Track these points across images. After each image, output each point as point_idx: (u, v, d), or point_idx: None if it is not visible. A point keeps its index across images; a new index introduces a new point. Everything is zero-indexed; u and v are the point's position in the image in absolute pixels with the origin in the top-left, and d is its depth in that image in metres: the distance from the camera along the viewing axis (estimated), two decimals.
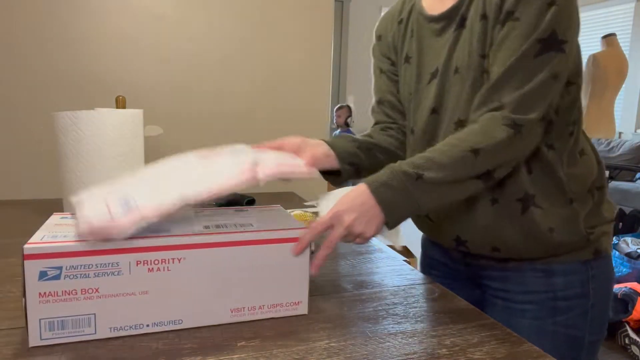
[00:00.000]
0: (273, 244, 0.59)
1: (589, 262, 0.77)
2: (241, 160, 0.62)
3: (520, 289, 0.79)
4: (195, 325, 0.58)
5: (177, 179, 0.58)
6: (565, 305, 0.77)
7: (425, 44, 0.82)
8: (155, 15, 1.47)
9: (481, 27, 0.73)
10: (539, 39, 0.67)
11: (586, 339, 0.78)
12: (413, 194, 0.66)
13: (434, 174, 0.66)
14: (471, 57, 0.74)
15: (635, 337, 2.18)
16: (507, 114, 0.68)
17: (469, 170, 0.67)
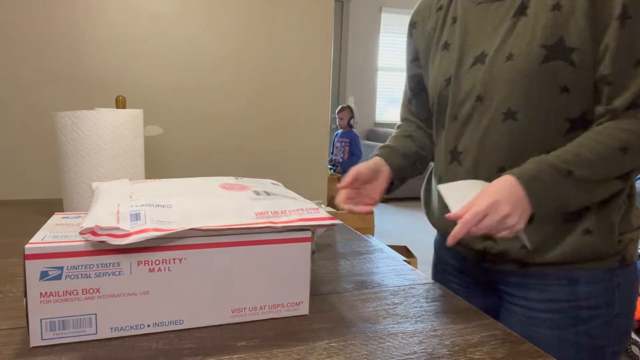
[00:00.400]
0: (274, 244, 0.59)
1: (615, 270, 0.74)
2: (261, 204, 0.60)
3: (542, 297, 0.76)
4: (196, 325, 0.58)
5: (193, 204, 0.57)
6: (589, 315, 0.73)
7: (472, 29, 0.78)
8: (155, 15, 1.47)
9: (550, 16, 0.69)
10: None
11: (608, 349, 0.75)
12: (563, 189, 0.65)
13: (585, 172, 0.65)
14: (530, 46, 0.70)
15: (635, 337, 2.18)
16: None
17: (617, 169, 0.66)
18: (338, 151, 4.81)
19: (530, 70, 0.70)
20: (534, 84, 0.70)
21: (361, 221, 3.18)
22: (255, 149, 1.64)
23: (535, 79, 0.70)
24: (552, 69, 0.69)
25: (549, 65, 0.69)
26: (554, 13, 0.68)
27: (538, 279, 0.76)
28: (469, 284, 0.89)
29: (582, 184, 0.65)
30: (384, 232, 4.33)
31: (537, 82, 0.70)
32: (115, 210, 0.53)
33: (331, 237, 1.05)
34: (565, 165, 0.65)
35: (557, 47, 0.68)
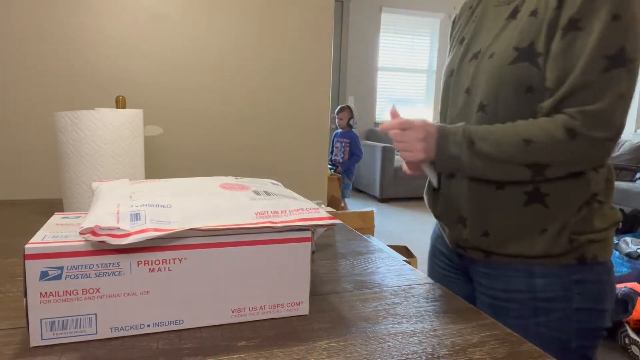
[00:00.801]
0: (274, 244, 0.59)
1: (571, 267, 0.78)
2: (261, 204, 0.60)
3: (504, 287, 0.82)
4: (196, 325, 0.58)
5: (193, 204, 0.57)
6: (546, 307, 0.78)
7: (482, 27, 0.85)
8: (155, 15, 1.47)
9: (527, 21, 0.75)
10: (607, 54, 0.67)
11: (573, 343, 0.78)
12: (462, 154, 0.75)
13: (484, 147, 0.73)
14: (507, 47, 0.76)
15: (635, 337, 2.18)
16: (572, 121, 0.70)
17: (517, 156, 0.72)
18: (338, 151, 4.80)
19: (501, 69, 0.76)
20: (503, 81, 0.76)
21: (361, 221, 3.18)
22: (255, 149, 1.64)
23: (504, 77, 0.76)
24: (520, 69, 0.75)
25: (517, 66, 0.75)
26: (530, 19, 0.75)
27: (501, 269, 0.82)
28: (453, 270, 0.98)
29: (480, 157, 0.74)
30: (384, 232, 4.33)
31: (505, 80, 0.76)
32: (115, 210, 0.53)
33: (331, 237, 1.05)
34: (473, 136, 0.75)
35: (527, 50, 0.74)
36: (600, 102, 0.68)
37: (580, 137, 0.69)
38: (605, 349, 2.25)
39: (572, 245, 0.77)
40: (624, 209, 3.34)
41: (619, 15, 0.67)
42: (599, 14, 0.68)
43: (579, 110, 0.69)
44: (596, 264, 0.78)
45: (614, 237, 3.01)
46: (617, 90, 0.68)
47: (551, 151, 0.71)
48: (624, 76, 0.68)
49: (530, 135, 0.71)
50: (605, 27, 0.67)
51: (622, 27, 0.67)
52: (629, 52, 0.68)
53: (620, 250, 2.86)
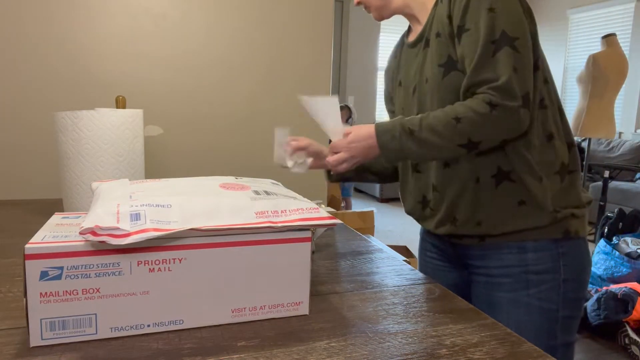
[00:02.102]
0: (274, 244, 0.59)
1: (559, 241, 0.87)
2: (261, 204, 0.59)
3: (498, 264, 0.91)
4: (196, 325, 0.58)
5: (193, 204, 0.57)
6: (537, 279, 0.87)
7: (408, 67, 1.00)
8: (156, 16, 1.47)
9: (437, 43, 0.90)
10: (492, 40, 0.81)
11: (560, 313, 0.87)
12: (405, 144, 0.84)
13: (423, 133, 0.83)
14: (433, 68, 0.90)
15: (635, 337, 2.18)
16: (489, 96, 0.81)
17: (451, 135, 0.82)
18: None
19: (439, 85, 0.89)
20: (445, 93, 0.89)
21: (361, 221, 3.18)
22: (255, 149, 1.64)
23: (443, 89, 0.89)
24: (451, 78, 0.88)
25: (448, 77, 0.88)
26: (438, 39, 0.89)
27: (494, 249, 0.91)
28: (446, 260, 1.05)
29: (421, 143, 0.84)
30: (384, 232, 4.33)
31: (446, 91, 0.89)
32: (115, 210, 0.53)
33: (331, 237, 1.05)
34: (410, 125, 0.84)
35: (448, 62, 0.88)
36: (501, 77, 0.80)
37: (498, 107, 0.80)
38: (605, 349, 2.25)
39: (556, 217, 0.86)
40: (624, 209, 3.34)
41: (493, 7, 0.81)
42: (478, 13, 0.82)
43: (489, 87, 0.81)
44: (578, 238, 0.89)
45: (614, 237, 3.01)
46: (509, 65, 0.80)
47: (478, 124, 0.81)
48: (511, 53, 0.81)
49: (457, 113, 0.82)
50: (485, 20, 0.81)
51: (498, 15, 0.81)
52: (510, 32, 0.81)
53: (620, 250, 2.86)
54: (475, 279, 0.96)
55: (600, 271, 2.90)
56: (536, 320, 0.87)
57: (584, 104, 3.17)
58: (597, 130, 3.12)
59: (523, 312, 0.88)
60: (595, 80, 3.12)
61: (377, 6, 1.00)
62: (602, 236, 3.25)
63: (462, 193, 0.91)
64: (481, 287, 0.94)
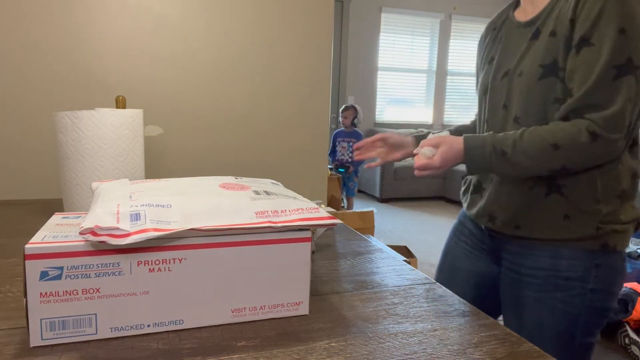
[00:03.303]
0: (274, 244, 0.59)
1: (595, 252, 0.88)
2: (261, 204, 0.59)
3: (530, 264, 0.92)
4: (196, 325, 0.58)
5: (193, 204, 0.57)
6: (565, 284, 0.88)
7: (507, 48, 0.96)
8: (155, 16, 1.47)
9: (548, 41, 0.85)
10: (616, 65, 0.78)
11: (582, 318, 0.89)
12: (493, 164, 0.86)
13: (516, 157, 0.83)
14: (533, 65, 0.87)
15: (635, 337, 2.18)
16: (593, 125, 0.79)
17: (546, 160, 0.82)
18: (345, 151, 4.78)
19: (531, 85, 0.87)
20: (534, 95, 0.87)
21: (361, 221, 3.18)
22: (255, 149, 1.64)
23: (534, 91, 0.87)
24: (547, 84, 0.86)
25: (545, 81, 0.86)
26: (551, 39, 0.85)
27: (530, 249, 0.93)
28: (480, 249, 1.07)
29: (512, 164, 0.85)
30: (384, 232, 4.33)
31: (536, 94, 0.87)
32: (115, 210, 0.53)
33: (331, 237, 1.05)
34: (503, 147, 0.84)
35: (551, 66, 0.85)
36: (613, 106, 0.78)
37: (600, 138, 0.79)
38: (605, 349, 2.25)
39: (598, 233, 0.87)
40: None
41: (625, 29, 0.76)
42: (607, 31, 0.77)
43: (598, 115, 0.79)
44: (615, 252, 0.89)
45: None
46: (626, 95, 0.78)
47: (576, 154, 0.80)
48: (632, 82, 0.78)
49: (556, 140, 0.80)
50: (613, 41, 0.77)
51: (629, 39, 0.77)
52: (636, 61, 0.77)
53: None
54: (505, 272, 0.98)
55: None
56: (558, 322, 0.89)
57: None
58: None
59: (546, 313, 0.90)
60: None
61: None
62: None
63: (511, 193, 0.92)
64: (510, 282, 0.96)
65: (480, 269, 1.07)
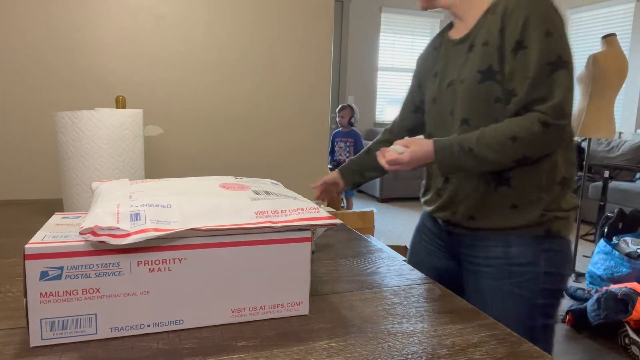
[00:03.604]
0: (274, 244, 0.59)
1: (541, 238, 0.97)
2: (261, 204, 0.59)
3: (485, 255, 1.01)
4: (196, 325, 0.58)
5: (193, 204, 0.57)
6: (519, 270, 0.97)
7: (448, 62, 1.08)
8: (155, 15, 1.47)
9: (482, 51, 0.97)
10: (550, 62, 0.90)
11: (539, 300, 0.97)
12: (462, 161, 0.93)
13: (481, 152, 0.92)
14: (472, 72, 0.98)
15: (635, 337, 2.18)
16: (543, 115, 0.89)
17: (508, 152, 0.91)
18: (342, 151, 4.78)
19: (473, 89, 0.98)
20: (476, 98, 0.98)
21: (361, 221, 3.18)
22: (255, 149, 1.64)
23: (476, 94, 0.98)
24: (486, 86, 0.96)
25: (484, 84, 0.97)
26: (484, 48, 0.97)
27: (483, 241, 1.01)
28: (438, 246, 1.16)
29: (478, 159, 0.93)
30: (384, 232, 4.33)
31: (478, 97, 0.98)
32: (115, 210, 0.53)
33: (331, 237, 1.05)
34: (468, 144, 0.93)
35: (487, 71, 0.96)
36: (555, 97, 0.89)
37: (551, 126, 0.89)
38: (605, 349, 2.25)
39: (542, 219, 0.96)
40: (624, 209, 3.34)
41: (551, 32, 0.90)
42: (536, 35, 0.90)
43: (545, 106, 0.90)
44: (559, 238, 0.98)
45: (614, 237, 3.01)
46: (564, 86, 0.90)
47: (533, 142, 0.90)
48: (566, 74, 0.90)
49: (513, 133, 0.90)
50: (543, 43, 0.90)
51: (556, 40, 0.90)
52: (564, 57, 0.90)
53: (620, 250, 2.86)
54: (465, 266, 1.07)
55: (600, 271, 2.90)
56: (517, 307, 0.97)
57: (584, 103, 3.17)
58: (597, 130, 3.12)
59: (506, 299, 0.98)
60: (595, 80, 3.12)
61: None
62: (602, 236, 3.25)
63: (464, 188, 1.02)
64: (470, 274, 1.05)
65: (439, 264, 1.16)
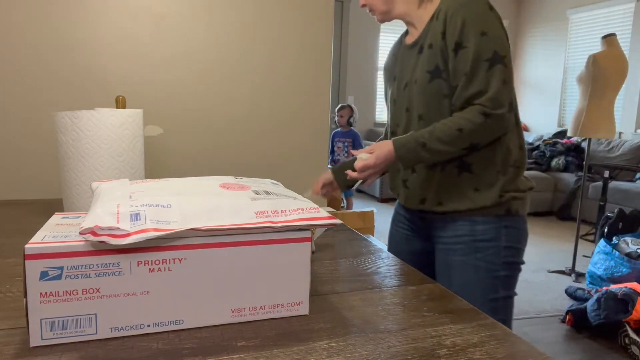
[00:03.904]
0: (274, 244, 0.59)
1: (502, 217, 1.09)
2: (261, 204, 0.59)
3: (453, 234, 1.12)
4: (196, 325, 0.58)
5: (193, 204, 0.57)
6: (483, 246, 1.09)
7: (404, 66, 1.19)
8: (155, 15, 1.47)
9: (428, 53, 1.08)
10: (487, 59, 1.01)
11: (500, 272, 1.09)
12: (418, 154, 1.04)
13: (433, 144, 1.03)
14: (422, 73, 1.09)
15: (635, 337, 2.18)
16: (482, 107, 1.01)
17: (456, 142, 1.02)
18: (340, 151, 4.78)
19: (425, 88, 1.09)
20: (428, 95, 1.09)
21: (361, 221, 3.18)
22: (255, 149, 1.64)
23: (428, 92, 1.09)
24: (436, 84, 1.07)
25: (433, 83, 1.08)
26: (430, 50, 1.08)
27: (452, 222, 1.13)
28: (414, 231, 1.27)
29: (432, 151, 1.03)
30: (384, 232, 4.33)
31: (429, 94, 1.08)
32: (115, 210, 0.53)
33: (331, 237, 1.05)
34: (422, 139, 1.04)
35: (435, 70, 1.07)
36: (492, 89, 1.00)
37: (491, 115, 1.00)
38: (605, 349, 2.25)
39: (501, 200, 1.08)
40: (624, 209, 3.34)
41: (486, 32, 1.00)
42: (472, 34, 1.01)
43: (483, 98, 1.01)
44: (517, 216, 1.11)
45: (614, 237, 3.01)
46: (500, 79, 1.00)
47: (476, 132, 1.01)
48: (502, 69, 1.01)
49: (459, 125, 1.01)
50: (480, 41, 1.00)
51: (490, 39, 1.00)
52: (500, 52, 1.01)
53: (620, 250, 2.86)
54: (437, 247, 1.19)
55: (600, 271, 2.90)
56: (482, 278, 1.09)
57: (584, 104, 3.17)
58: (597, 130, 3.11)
59: (472, 272, 1.10)
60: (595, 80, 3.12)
61: (382, 11, 1.17)
62: (602, 236, 3.25)
63: (431, 178, 1.13)
64: (441, 253, 1.16)
65: (418, 248, 1.27)
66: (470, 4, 1.02)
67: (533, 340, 2.35)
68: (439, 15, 1.07)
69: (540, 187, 5.25)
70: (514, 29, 6.82)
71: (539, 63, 6.45)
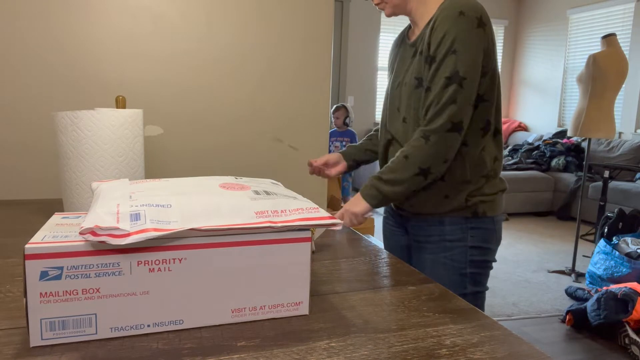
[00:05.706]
0: (274, 244, 0.59)
1: (469, 219, 1.14)
2: (261, 204, 0.59)
3: (425, 233, 1.19)
4: (196, 325, 0.58)
5: (193, 204, 0.57)
6: (451, 245, 1.15)
7: (402, 63, 1.19)
8: (155, 15, 1.47)
9: (418, 59, 1.10)
10: (446, 76, 1.02)
11: (467, 270, 1.15)
12: (380, 191, 1.08)
13: (387, 175, 1.07)
14: (411, 77, 1.11)
15: (635, 337, 2.18)
16: (422, 128, 1.05)
17: (405, 169, 1.06)
18: (339, 150, 4.78)
19: (411, 93, 1.11)
20: (412, 101, 1.10)
21: None
22: (255, 149, 1.64)
23: (412, 98, 1.10)
24: (418, 92, 1.09)
25: (417, 90, 1.09)
26: (419, 57, 1.09)
27: (424, 223, 1.19)
28: (398, 226, 1.33)
29: (389, 183, 1.07)
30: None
31: (414, 99, 1.10)
32: (115, 210, 0.53)
33: (331, 237, 1.05)
34: (378, 174, 1.09)
35: (420, 79, 1.08)
36: (435, 108, 1.03)
37: (430, 137, 1.03)
38: (605, 349, 2.25)
39: (467, 204, 1.13)
40: (624, 209, 3.34)
41: (456, 50, 1.00)
42: (443, 50, 1.02)
43: (425, 120, 1.05)
44: (485, 217, 1.15)
45: (614, 237, 3.00)
46: (450, 98, 1.01)
47: (419, 155, 1.04)
48: (456, 89, 1.01)
49: (404, 152, 1.06)
50: (443, 58, 1.02)
51: (458, 58, 1.00)
52: (462, 72, 1.01)
53: (620, 250, 2.86)
54: (413, 244, 1.25)
55: (600, 271, 2.90)
56: (450, 275, 1.15)
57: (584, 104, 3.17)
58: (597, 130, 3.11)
59: (441, 269, 1.16)
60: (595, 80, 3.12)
61: (394, 4, 1.15)
62: (602, 236, 3.25)
63: None
64: (415, 249, 1.23)
65: (404, 242, 1.33)
66: (458, 18, 1.01)
67: (533, 340, 2.35)
68: (431, 23, 1.06)
69: (540, 187, 5.25)
70: (513, 29, 6.82)
71: (539, 63, 6.45)
